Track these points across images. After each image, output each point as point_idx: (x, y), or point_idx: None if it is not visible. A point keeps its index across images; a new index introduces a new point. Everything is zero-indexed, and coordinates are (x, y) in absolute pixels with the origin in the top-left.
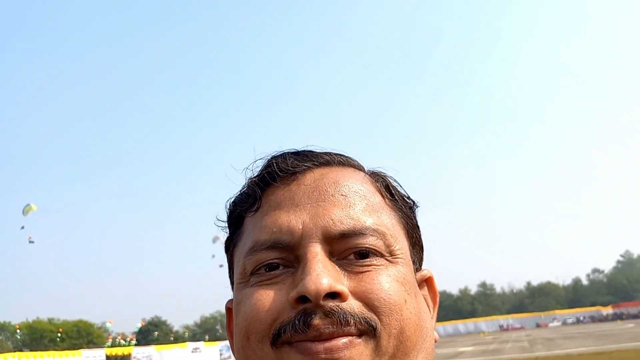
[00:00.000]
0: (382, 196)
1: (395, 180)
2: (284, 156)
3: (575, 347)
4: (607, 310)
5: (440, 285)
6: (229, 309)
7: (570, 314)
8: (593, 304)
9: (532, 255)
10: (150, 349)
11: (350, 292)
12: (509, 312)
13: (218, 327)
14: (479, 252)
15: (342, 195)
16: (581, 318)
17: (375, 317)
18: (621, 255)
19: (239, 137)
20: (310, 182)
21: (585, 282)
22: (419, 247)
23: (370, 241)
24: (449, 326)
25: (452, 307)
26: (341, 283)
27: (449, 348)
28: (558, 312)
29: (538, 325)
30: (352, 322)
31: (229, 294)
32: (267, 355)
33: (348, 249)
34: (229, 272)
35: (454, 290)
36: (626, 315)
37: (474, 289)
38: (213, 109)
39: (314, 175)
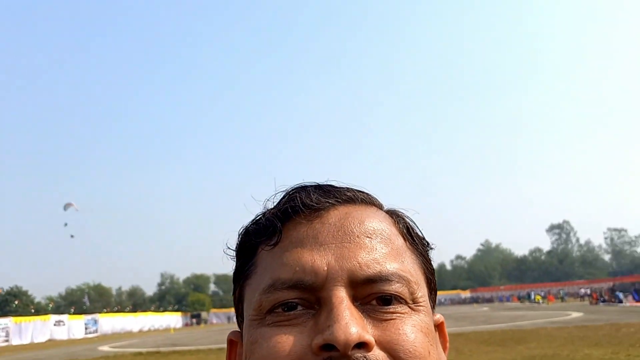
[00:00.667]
0: (404, 239)
1: (413, 221)
2: (307, 190)
3: None
4: (466, 294)
5: None
6: (231, 340)
7: None
8: (454, 288)
9: None
10: (7, 320)
11: (375, 341)
12: None
13: (85, 299)
14: None
15: (367, 237)
16: (442, 300)
17: None
18: (481, 244)
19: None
20: (334, 220)
21: (448, 267)
22: (435, 292)
23: (395, 288)
24: None
25: None
26: (367, 332)
27: None
28: None
29: None
30: None
31: (95, 266)
32: None
33: (372, 294)
34: (236, 304)
35: None
36: (481, 299)
37: None
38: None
39: (338, 213)
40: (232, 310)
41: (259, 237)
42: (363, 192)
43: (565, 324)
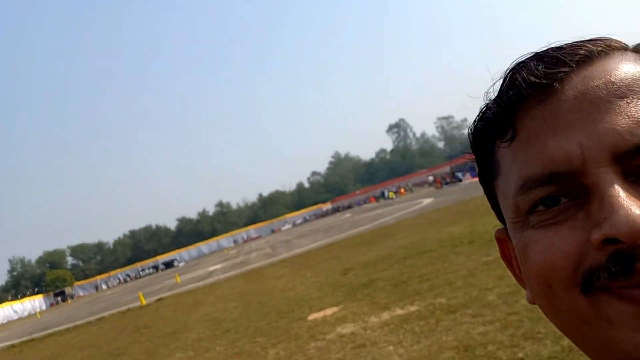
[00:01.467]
0: None
1: None
2: (528, 66)
3: (311, 243)
4: (327, 206)
5: (179, 213)
6: (499, 238)
7: (298, 215)
8: (315, 203)
9: (260, 168)
10: None
11: None
12: (246, 225)
13: None
14: (211, 175)
15: (619, 97)
16: (307, 217)
17: None
18: (332, 157)
19: None
20: (572, 91)
21: (307, 185)
22: None
23: None
24: (193, 250)
25: (193, 232)
26: None
27: (199, 270)
28: (288, 216)
29: (273, 232)
30: None
31: None
32: (578, 303)
33: None
34: (492, 203)
35: (192, 214)
36: (342, 208)
37: (212, 210)
38: None
39: (575, 80)
40: (99, 278)
41: (491, 135)
42: (599, 40)
43: (422, 211)
